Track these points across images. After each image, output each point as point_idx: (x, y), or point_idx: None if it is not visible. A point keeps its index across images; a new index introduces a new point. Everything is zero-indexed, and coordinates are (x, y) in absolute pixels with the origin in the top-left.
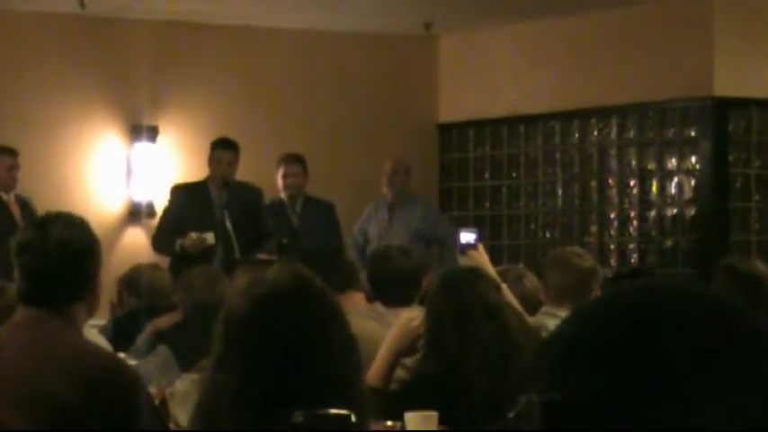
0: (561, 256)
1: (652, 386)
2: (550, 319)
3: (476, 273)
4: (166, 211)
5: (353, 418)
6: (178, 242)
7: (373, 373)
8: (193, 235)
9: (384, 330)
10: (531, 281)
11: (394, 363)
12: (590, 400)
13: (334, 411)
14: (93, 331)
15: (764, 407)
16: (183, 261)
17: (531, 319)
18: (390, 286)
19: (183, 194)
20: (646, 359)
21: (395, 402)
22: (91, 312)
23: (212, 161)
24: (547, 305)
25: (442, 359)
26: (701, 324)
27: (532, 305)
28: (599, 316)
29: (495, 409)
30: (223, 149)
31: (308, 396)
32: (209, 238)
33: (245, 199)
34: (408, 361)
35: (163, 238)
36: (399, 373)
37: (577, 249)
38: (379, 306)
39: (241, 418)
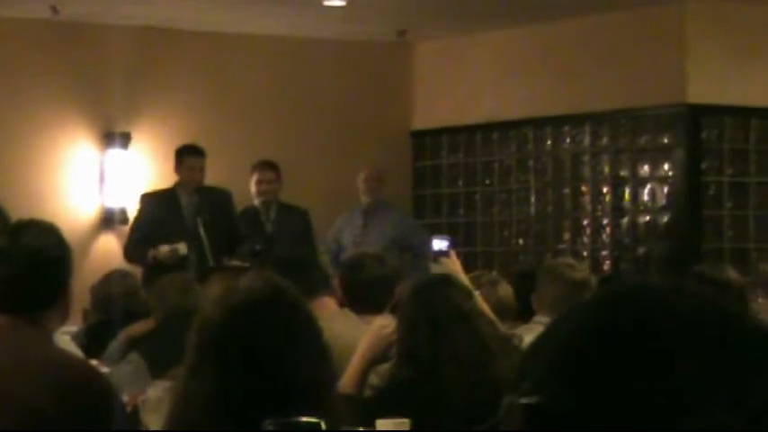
0: (553, 266)
1: (636, 392)
2: (542, 328)
3: (448, 280)
4: (137, 220)
5: (323, 426)
6: (150, 253)
7: (346, 381)
8: (165, 247)
9: (354, 335)
10: (504, 287)
11: (366, 370)
12: (573, 405)
13: (304, 419)
14: (66, 338)
15: (751, 409)
16: (156, 270)
17: (522, 328)
18: (362, 294)
19: (153, 202)
20: (628, 365)
21: (368, 409)
22: (63, 320)
23: (183, 168)
24: (539, 314)
25: (414, 367)
26: (685, 328)
27: (505, 311)
28: (581, 321)
29: (468, 416)
30: (195, 156)
31: (282, 405)
32: (181, 248)
33: (217, 202)
34: (381, 368)
35: (135, 248)
36: (370, 380)
37: (570, 261)
38: (349, 312)
39: (214, 426)
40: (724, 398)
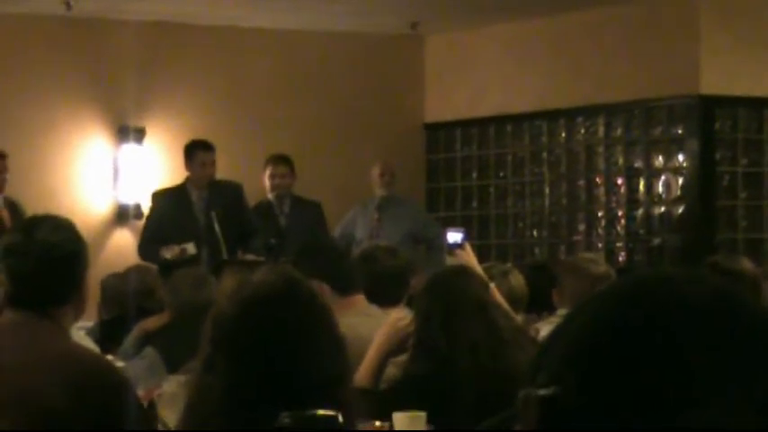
0: (574, 262)
1: (645, 385)
2: None
3: (463, 272)
4: (148, 218)
5: (340, 419)
6: (161, 253)
7: (362, 374)
8: (175, 247)
9: (368, 327)
10: (515, 277)
11: (383, 363)
12: (587, 398)
13: (320, 412)
14: (81, 333)
15: (759, 401)
16: (169, 268)
17: (544, 322)
18: (377, 286)
19: (164, 200)
20: (638, 359)
21: (384, 402)
22: (78, 315)
23: (195, 164)
24: (562, 309)
25: (429, 359)
26: (695, 320)
27: (516, 301)
28: (594, 314)
29: (484, 408)
30: (206, 151)
31: (297, 398)
32: (190, 248)
33: (229, 195)
34: (397, 361)
35: (147, 246)
36: (389, 372)
37: (591, 255)
38: (372, 306)
39: (229, 419)
40: (733, 390)
